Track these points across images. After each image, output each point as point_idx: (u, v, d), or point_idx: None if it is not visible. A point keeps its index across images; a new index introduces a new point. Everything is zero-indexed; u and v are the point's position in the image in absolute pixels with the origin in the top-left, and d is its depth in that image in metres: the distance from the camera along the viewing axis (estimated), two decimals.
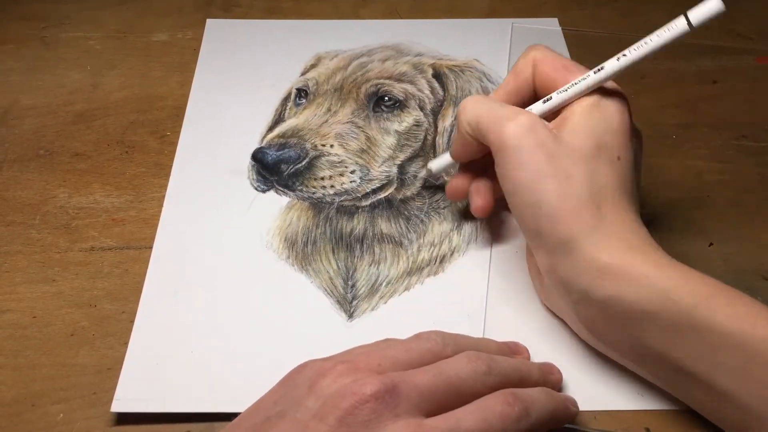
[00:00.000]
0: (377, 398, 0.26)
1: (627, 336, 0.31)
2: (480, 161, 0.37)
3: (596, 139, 0.32)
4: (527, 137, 0.31)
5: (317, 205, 0.41)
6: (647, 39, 0.32)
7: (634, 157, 0.33)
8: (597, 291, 0.30)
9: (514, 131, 0.31)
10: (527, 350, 0.34)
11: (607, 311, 0.31)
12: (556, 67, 0.35)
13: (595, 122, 0.32)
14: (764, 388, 0.28)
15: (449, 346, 0.30)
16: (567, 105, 0.34)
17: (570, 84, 0.33)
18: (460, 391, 0.28)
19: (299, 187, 0.42)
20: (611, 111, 0.33)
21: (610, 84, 0.34)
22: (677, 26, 0.31)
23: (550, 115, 0.34)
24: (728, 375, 0.28)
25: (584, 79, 0.33)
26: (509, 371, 0.30)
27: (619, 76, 0.33)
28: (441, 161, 0.40)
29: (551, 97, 0.34)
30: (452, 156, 0.38)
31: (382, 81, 0.46)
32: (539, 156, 0.31)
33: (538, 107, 0.34)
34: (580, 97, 0.33)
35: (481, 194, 0.37)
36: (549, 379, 0.33)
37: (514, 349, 0.34)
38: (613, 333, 0.32)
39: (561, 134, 0.32)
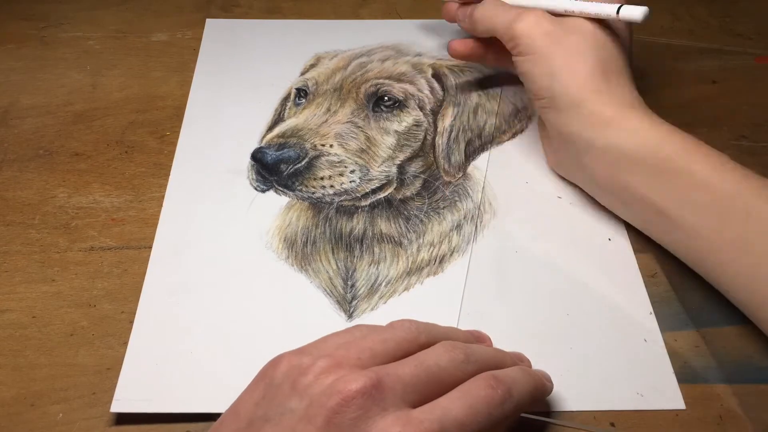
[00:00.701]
0: (363, 394, 0.26)
1: (620, 181, 0.37)
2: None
3: (595, 24, 0.39)
4: (534, 29, 0.39)
5: (317, 205, 0.41)
6: None
7: (628, 41, 0.41)
8: (600, 139, 0.37)
9: (523, 27, 0.39)
10: (490, 339, 0.35)
11: (607, 157, 0.37)
12: None
13: (593, 24, 0.39)
14: (720, 223, 0.34)
15: (423, 333, 0.30)
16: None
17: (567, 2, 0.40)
18: (442, 380, 0.28)
19: (299, 187, 0.41)
20: (604, 24, 0.40)
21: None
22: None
23: None
24: (693, 212, 0.34)
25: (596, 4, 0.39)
26: (486, 358, 0.30)
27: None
28: None
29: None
30: (462, 26, 0.46)
31: (381, 81, 0.46)
32: (547, 41, 0.39)
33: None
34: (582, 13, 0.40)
35: (468, 41, 0.46)
36: (520, 365, 0.33)
37: (477, 336, 0.35)
38: (609, 178, 0.38)
39: (565, 20, 0.40)
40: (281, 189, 0.42)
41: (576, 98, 0.37)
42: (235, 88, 0.49)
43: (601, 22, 0.39)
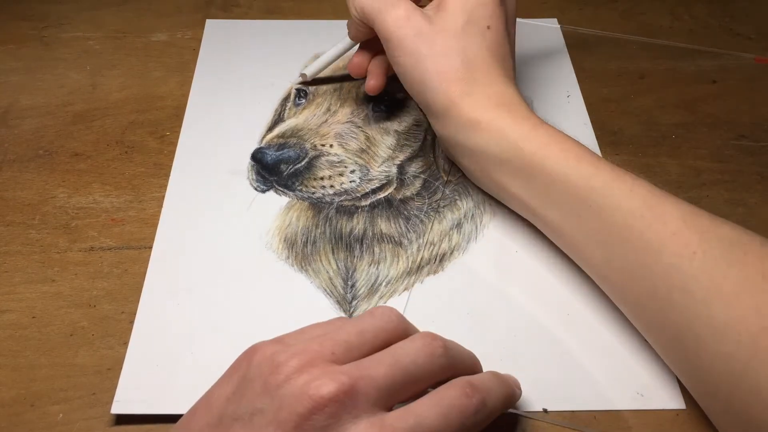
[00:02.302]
0: (335, 401, 0.25)
1: (493, 180, 0.38)
2: (374, 44, 0.43)
3: (467, 15, 0.38)
4: (405, 27, 0.38)
5: (317, 205, 0.41)
6: None
7: (504, 24, 0.39)
8: (468, 142, 0.38)
9: (393, 23, 0.38)
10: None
11: (476, 158, 0.38)
12: None
13: (468, 5, 0.38)
14: (579, 219, 0.34)
15: (402, 322, 0.30)
16: None
17: None
18: (418, 377, 0.27)
19: (299, 187, 0.41)
20: None
21: None
22: None
23: None
24: (554, 209, 0.35)
25: None
26: (463, 356, 0.30)
27: None
28: (315, 66, 0.46)
29: None
30: (350, 37, 0.43)
31: None
32: (416, 42, 0.38)
33: None
34: None
35: (374, 75, 0.43)
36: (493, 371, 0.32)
37: None
38: (485, 177, 0.39)
39: (437, 16, 0.38)
40: (281, 189, 0.42)
41: (446, 104, 0.37)
42: (235, 88, 0.49)
43: (473, 12, 0.38)
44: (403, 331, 0.29)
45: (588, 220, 0.33)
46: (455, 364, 0.29)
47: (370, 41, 0.43)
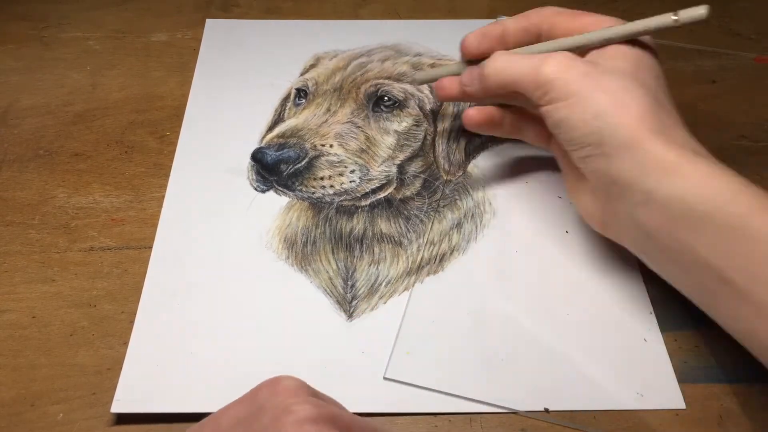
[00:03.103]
0: None
1: (680, 241, 0.31)
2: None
3: (634, 61, 0.34)
4: (569, 70, 0.33)
5: (317, 205, 0.41)
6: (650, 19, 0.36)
7: (666, 82, 0.35)
8: (662, 189, 0.31)
9: (554, 68, 0.33)
10: None
11: (668, 211, 0.31)
12: (573, 15, 0.37)
13: (630, 53, 0.34)
14: None
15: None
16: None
17: (600, 30, 0.35)
18: None
19: (299, 187, 0.41)
20: (641, 48, 0.35)
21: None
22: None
23: None
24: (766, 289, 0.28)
25: (612, 28, 0.35)
26: None
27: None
28: (426, 75, 0.43)
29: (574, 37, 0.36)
30: (469, 92, 0.39)
31: (381, 81, 0.46)
32: (587, 81, 0.33)
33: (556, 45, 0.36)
34: (603, 43, 0.35)
35: (486, 110, 0.40)
36: None
37: None
38: (668, 237, 0.31)
39: (600, 62, 0.34)
40: (281, 189, 0.42)
41: (630, 139, 0.31)
42: (235, 88, 0.49)
43: (640, 61, 0.34)
44: None
45: None
46: None
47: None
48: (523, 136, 0.41)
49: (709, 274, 0.30)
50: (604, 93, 0.32)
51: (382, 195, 0.42)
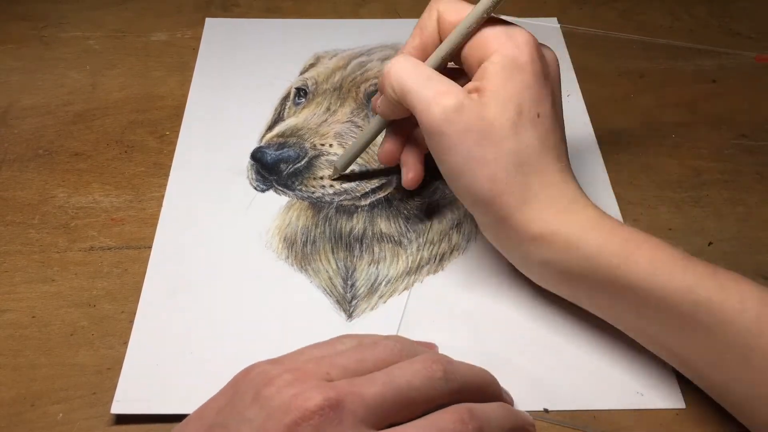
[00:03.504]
0: (320, 414, 0.24)
1: (570, 294, 0.34)
2: (404, 127, 0.38)
3: (516, 104, 0.32)
4: (454, 122, 0.32)
5: (316, 205, 0.41)
6: None
7: (552, 105, 0.34)
8: (532, 257, 0.33)
9: (441, 116, 0.32)
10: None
11: (544, 273, 0.34)
12: (459, 10, 0.35)
13: (511, 83, 0.32)
14: (683, 337, 0.30)
15: (404, 352, 0.29)
16: (475, 56, 0.34)
17: (462, 23, 0.34)
18: (413, 399, 0.26)
19: (298, 187, 0.41)
20: (521, 61, 0.33)
21: (516, 31, 0.34)
22: None
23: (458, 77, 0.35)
24: (654, 327, 0.31)
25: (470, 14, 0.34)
26: (469, 377, 0.29)
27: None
28: (344, 158, 0.41)
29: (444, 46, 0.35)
30: (378, 113, 0.38)
31: None
32: (467, 141, 0.32)
33: (437, 56, 0.35)
34: (472, 31, 0.34)
35: (410, 167, 0.38)
36: (505, 398, 0.32)
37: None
38: (555, 287, 0.35)
39: (483, 102, 0.32)
40: (281, 188, 0.42)
41: (500, 217, 0.33)
42: (235, 88, 0.49)
43: (523, 99, 0.33)
44: (407, 359, 0.28)
45: (695, 338, 0.30)
46: (459, 389, 0.28)
47: (398, 122, 0.38)
48: None
49: (610, 319, 0.34)
50: (478, 164, 0.32)
51: (381, 194, 0.42)
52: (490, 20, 0.34)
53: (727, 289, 0.29)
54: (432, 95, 0.32)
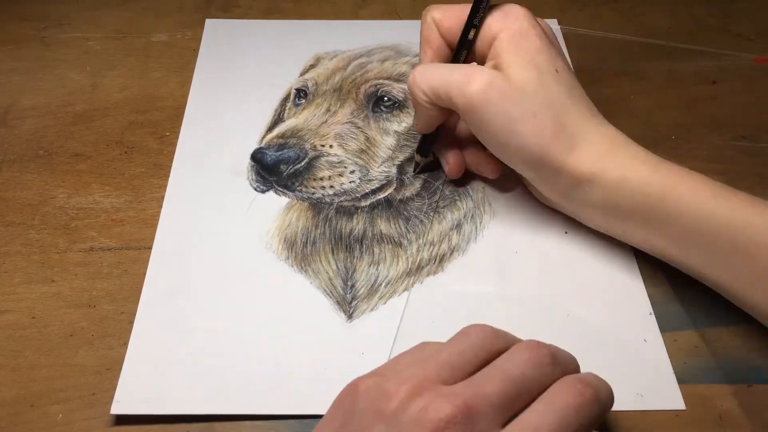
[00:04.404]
0: (455, 423, 0.24)
1: (621, 230, 0.37)
2: (453, 134, 0.41)
3: (534, 66, 0.35)
4: (489, 93, 0.35)
5: (317, 206, 0.41)
6: None
7: (564, 62, 0.37)
8: (589, 197, 0.36)
9: (476, 92, 0.35)
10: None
11: (599, 211, 0.36)
12: (454, 16, 0.38)
13: (524, 50, 0.35)
14: (728, 263, 0.32)
15: (500, 338, 0.29)
16: (482, 38, 0.37)
17: (467, 30, 0.37)
18: (530, 389, 0.27)
19: (298, 188, 0.41)
20: (525, 31, 0.36)
21: (510, 7, 0.37)
22: None
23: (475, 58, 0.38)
24: (699, 254, 0.33)
25: (471, 14, 0.36)
26: (568, 358, 0.29)
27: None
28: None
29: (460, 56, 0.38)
30: (417, 130, 0.40)
31: (381, 81, 0.46)
32: (505, 105, 0.35)
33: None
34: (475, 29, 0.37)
35: (485, 162, 0.41)
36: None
37: None
38: (611, 227, 0.37)
39: (505, 72, 0.35)
40: (281, 189, 0.42)
41: (555, 166, 0.35)
42: (235, 89, 0.49)
43: (544, 65, 0.35)
44: (503, 347, 0.29)
45: (737, 262, 0.32)
46: (563, 371, 0.28)
47: (449, 134, 0.42)
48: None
49: (656, 252, 0.36)
50: (521, 122, 0.34)
51: (382, 195, 0.42)
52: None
53: (766, 214, 0.31)
54: (462, 77, 0.35)
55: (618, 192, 0.34)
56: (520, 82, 0.35)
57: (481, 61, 0.37)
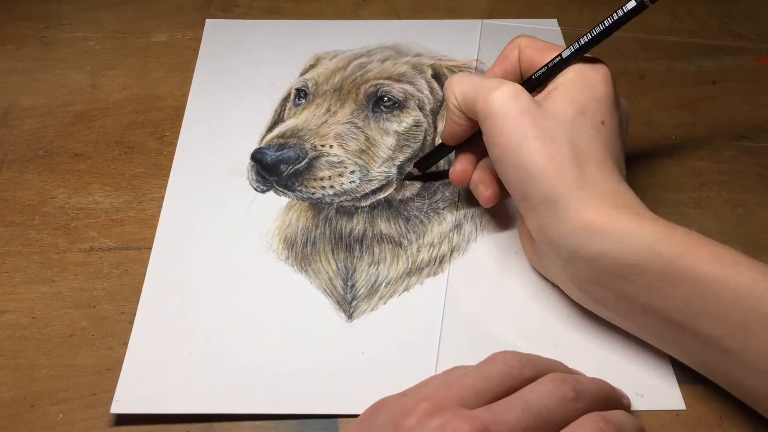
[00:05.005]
0: None
1: (614, 292, 0.32)
2: (475, 148, 0.39)
3: (579, 106, 0.33)
4: (511, 103, 0.33)
5: (317, 206, 0.41)
6: (611, 16, 0.37)
7: (618, 123, 0.35)
8: (585, 248, 0.31)
9: (500, 98, 0.33)
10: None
11: (595, 268, 0.31)
12: (540, 49, 0.37)
13: (578, 90, 0.34)
14: (746, 332, 0.29)
15: (526, 366, 0.29)
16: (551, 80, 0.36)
17: (550, 60, 0.36)
18: (550, 421, 0.27)
19: (299, 188, 0.42)
20: (594, 80, 0.34)
21: (593, 59, 0.36)
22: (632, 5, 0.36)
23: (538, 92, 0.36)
24: (711, 321, 0.29)
25: (561, 54, 0.35)
26: (595, 393, 0.29)
27: (592, 50, 0.36)
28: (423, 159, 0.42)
29: (534, 75, 0.36)
30: (443, 139, 0.39)
31: (381, 81, 0.46)
32: (523, 120, 0.32)
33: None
34: (559, 70, 0.35)
35: (487, 184, 0.38)
36: (623, 402, 0.32)
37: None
38: (601, 289, 0.32)
39: (545, 102, 0.34)
40: (281, 189, 0.42)
41: (552, 196, 0.32)
42: (235, 89, 0.49)
43: (587, 105, 0.34)
44: (529, 376, 0.29)
45: (758, 332, 0.28)
46: (589, 406, 0.28)
47: (470, 144, 0.38)
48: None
49: (651, 319, 0.32)
50: (534, 141, 0.32)
51: (382, 196, 0.42)
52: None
53: None
54: (492, 84, 0.34)
55: (623, 246, 0.30)
56: (553, 109, 0.33)
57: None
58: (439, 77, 0.48)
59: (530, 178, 0.32)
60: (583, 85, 0.34)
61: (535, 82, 0.36)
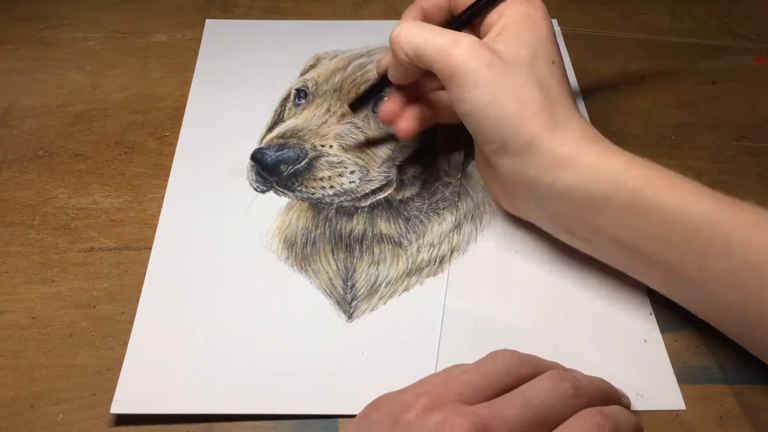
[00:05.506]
0: None
1: (587, 225, 0.34)
2: (412, 88, 0.39)
3: (531, 48, 0.34)
4: (474, 59, 0.33)
5: (317, 206, 0.41)
6: None
7: (562, 61, 0.36)
8: (560, 182, 0.33)
9: (461, 56, 0.33)
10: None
11: (569, 201, 0.33)
12: None
13: (526, 32, 0.35)
14: (702, 258, 0.31)
15: (524, 365, 0.29)
16: (488, 18, 0.36)
17: None
18: (549, 417, 0.27)
19: (298, 188, 0.41)
20: (536, 18, 0.35)
21: None
22: None
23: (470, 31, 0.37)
24: (672, 250, 0.31)
25: None
26: (594, 390, 0.29)
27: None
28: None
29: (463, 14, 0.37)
30: (394, 81, 0.39)
31: None
32: (490, 74, 0.33)
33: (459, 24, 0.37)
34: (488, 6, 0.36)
35: (407, 119, 0.39)
36: (623, 401, 0.32)
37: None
38: (575, 223, 0.35)
39: (500, 49, 0.34)
40: (281, 190, 0.42)
41: (528, 140, 0.33)
42: (235, 89, 0.49)
43: (536, 46, 0.35)
44: (527, 374, 0.29)
45: (714, 258, 0.30)
46: (587, 402, 0.28)
47: (403, 87, 0.39)
48: (440, 119, 0.41)
49: (619, 248, 0.34)
50: (506, 92, 0.33)
51: (382, 196, 0.42)
52: None
53: (744, 213, 0.31)
54: (447, 41, 0.34)
55: (592, 179, 0.32)
56: (511, 56, 0.34)
57: (480, 38, 0.36)
58: None
59: (507, 128, 0.33)
60: (529, 26, 0.35)
61: (466, 20, 0.37)
